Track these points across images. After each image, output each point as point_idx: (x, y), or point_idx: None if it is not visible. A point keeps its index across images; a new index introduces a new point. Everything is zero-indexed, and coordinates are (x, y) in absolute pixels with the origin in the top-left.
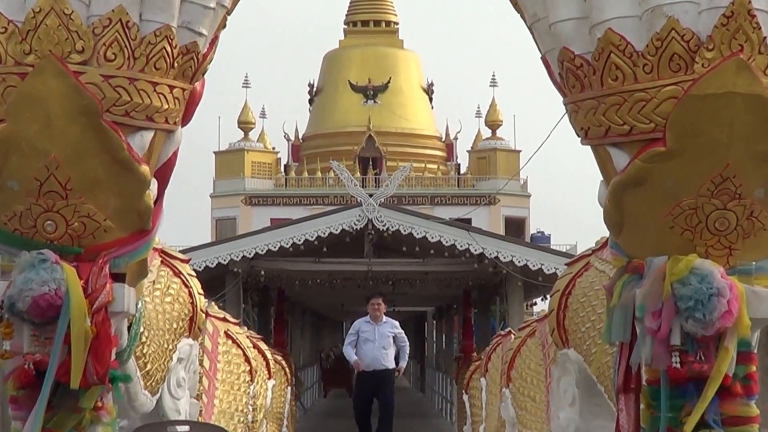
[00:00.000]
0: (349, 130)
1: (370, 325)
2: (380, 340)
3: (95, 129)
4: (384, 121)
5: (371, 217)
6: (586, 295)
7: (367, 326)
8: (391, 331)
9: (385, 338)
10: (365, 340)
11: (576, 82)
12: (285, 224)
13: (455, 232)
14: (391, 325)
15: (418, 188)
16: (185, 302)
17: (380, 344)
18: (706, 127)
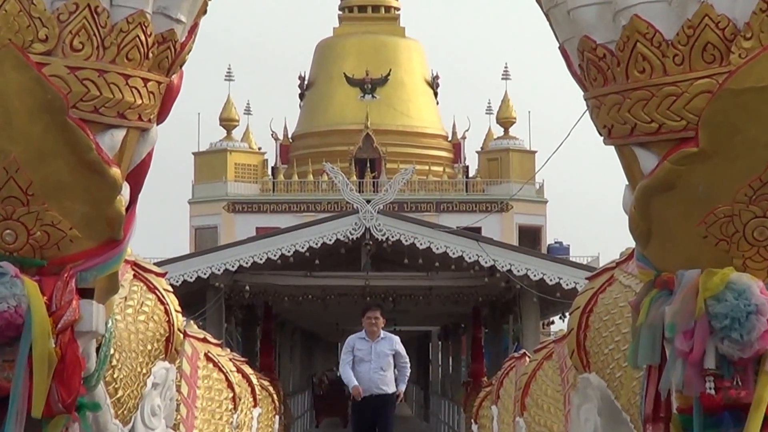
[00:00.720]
0: (344, 128)
1: (365, 342)
2: (378, 360)
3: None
4: (383, 118)
5: (369, 225)
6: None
7: (362, 344)
8: (390, 348)
9: (384, 358)
10: (360, 360)
11: (598, 74)
12: (272, 234)
13: (463, 243)
14: (390, 342)
15: (422, 193)
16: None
17: (377, 365)
18: (743, 125)
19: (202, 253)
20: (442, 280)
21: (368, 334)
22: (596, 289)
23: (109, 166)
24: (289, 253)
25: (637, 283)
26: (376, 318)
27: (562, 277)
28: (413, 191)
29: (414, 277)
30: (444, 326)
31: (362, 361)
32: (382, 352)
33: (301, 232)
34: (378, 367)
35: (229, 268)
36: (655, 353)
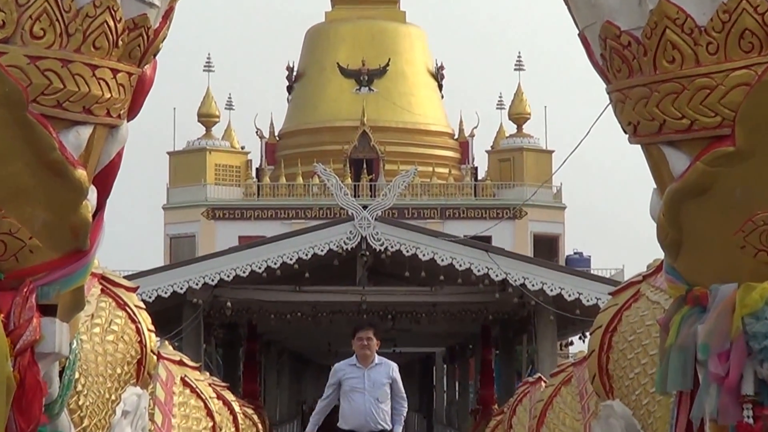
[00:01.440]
0: (337, 124)
1: (357, 369)
2: (373, 390)
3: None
4: (381, 113)
5: (365, 234)
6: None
7: (353, 371)
8: (387, 377)
9: (380, 388)
10: (351, 389)
11: (622, 65)
12: (257, 243)
13: (471, 253)
14: (387, 368)
15: (425, 198)
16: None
17: (372, 395)
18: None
19: (178, 265)
20: (448, 296)
21: (360, 359)
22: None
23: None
24: (276, 266)
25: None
26: (368, 339)
27: (582, 293)
28: (415, 196)
29: (416, 292)
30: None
31: (354, 392)
32: (377, 381)
33: (289, 242)
34: (374, 398)
35: (208, 282)
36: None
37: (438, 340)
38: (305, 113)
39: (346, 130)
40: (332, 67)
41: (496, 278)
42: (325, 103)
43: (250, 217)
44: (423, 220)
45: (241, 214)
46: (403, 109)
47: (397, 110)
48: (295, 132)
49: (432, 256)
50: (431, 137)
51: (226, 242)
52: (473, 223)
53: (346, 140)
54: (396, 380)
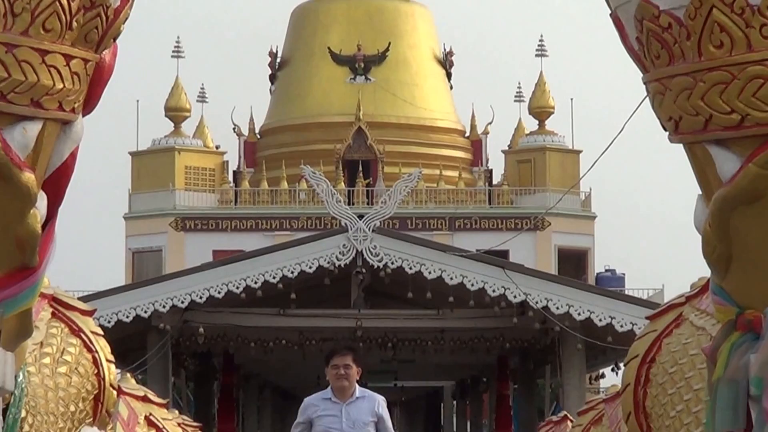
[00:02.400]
0: (328, 119)
1: (332, 404)
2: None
3: None
4: (380, 106)
5: (361, 248)
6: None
7: (327, 407)
8: (372, 413)
9: (362, 428)
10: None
11: (661, 50)
12: (235, 259)
13: (485, 271)
14: (371, 403)
15: (431, 206)
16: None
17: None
18: None
19: (141, 284)
20: (458, 321)
21: (336, 391)
22: (660, 333)
23: (21, 171)
24: (257, 285)
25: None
26: (346, 367)
27: (614, 316)
28: (419, 203)
29: (420, 316)
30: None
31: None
32: (359, 420)
33: (272, 257)
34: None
35: (177, 305)
36: (738, 416)
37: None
38: (291, 106)
39: (339, 126)
40: (322, 53)
41: (515, 300)
42: (314, 94)
43: (227, 228)
44: (429, 232)
45: (215, 225)
46: (406, 101)
47: (399, 103)
48: (279, 128)
49: (439, 273)
50: (438, 135)
51: (198, 257)
52: (487, 235)
53: (339, 138)
54: (383, 418)
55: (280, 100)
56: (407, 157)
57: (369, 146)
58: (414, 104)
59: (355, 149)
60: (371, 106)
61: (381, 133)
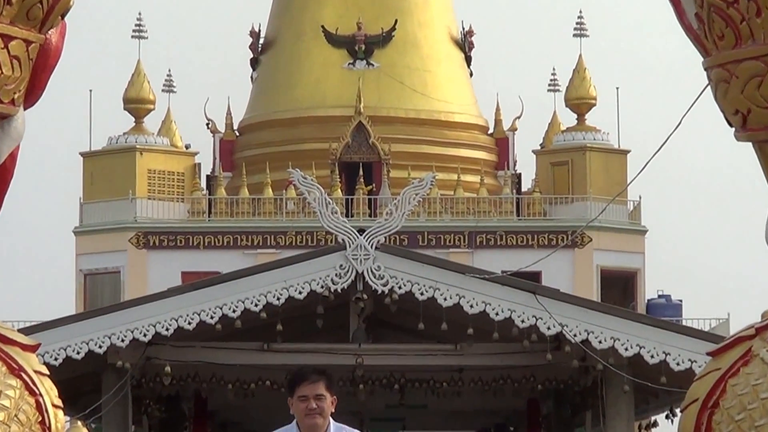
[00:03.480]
0: (322, 113)
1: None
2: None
3: None
4: (385, 97)
5: (362, 269)
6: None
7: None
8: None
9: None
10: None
11: (726, 29)
12: (209, 283)
13: (512, 297)
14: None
15: (446, 218)
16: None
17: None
18: None
19: (96, 313)
20: (479, 357)
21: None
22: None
23: None
24: (235, 314)
25: None
26: (318, 398)
27: (669, 352)
28: (433, 214)
29: (434, 352)
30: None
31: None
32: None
33: (254, 280)
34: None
35: (138, 338)
36: None
37: (465, 419)
38: (277, 97)
39: (335, 121)
40: (315, 33)
41: (548, 332)
42: (305, 82)
43: (199, 245)
44: (444, 249)
45: (185, 241)
46: (416, 91)
47: (407, 93)
48: (263, 124)
49: (457, 300)
50: (455, 132)
51: (165, 281)
52: (515, 253)
53: (335, 136)
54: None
55: (264, 89)
56: (418, 158)
57: (371, 145)
58: (426, 94)
59: (354, 149)
60: (374, 96)
61: (386, 130)
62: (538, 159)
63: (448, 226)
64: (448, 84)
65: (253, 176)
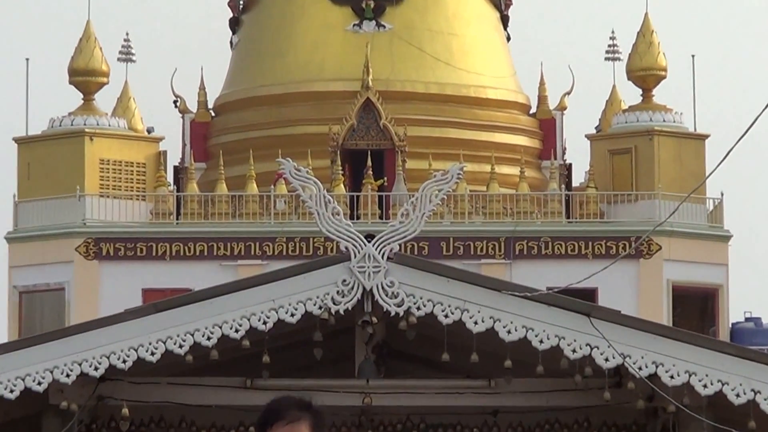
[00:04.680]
0: (320, 88)
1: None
2: None
3: None
4: (400, 68)
5: (370, 285)
6: None
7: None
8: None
9: None
10: None
11: None
12: (177, 303)
13: (561, 320)
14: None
15: (477, 220)
16: None
17: None
18: None
19: (34, 341)
20: (519, 397)
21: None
22: None
23: None
24: (210, 342)
25: None
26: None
27: (759, 390)
28: (460, 216)
29: (462, 389)
30: None
31: None
32: None
33: (233, 300)
34: None
35: (88, 372)
36: None
37: None
38: (263, 68)
39: (337, 97)
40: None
41: (607, 364)
42: (300, 49)
43: (164, 254)
44: (475, 261)
45: (147, 251)
46: (438, 60)
47: (428, 62)
48: (245, 102)
49: (491, 324)
50: (488, 111)
51: (121, 300)
52: (564, 265)
53: (337, 116)
54: None
55: (247, 58)
56: (441, 145)
57: (382, 129)
58: (451, 64)
59: (361, 133)
60: (386, 67)
61: (401, 109)
62: (594, 146)
63: (480, 231)
64: (480, 51)
65: (232, 168)
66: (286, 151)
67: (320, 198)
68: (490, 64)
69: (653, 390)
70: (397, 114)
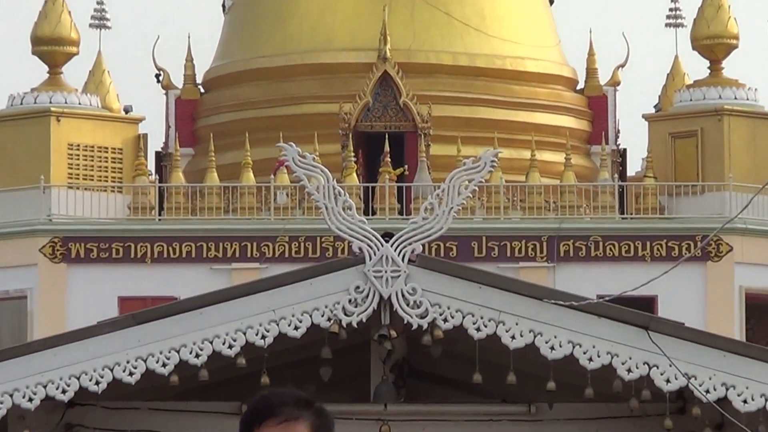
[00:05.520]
0: (329, 59)
1: None
2: None
3: None
4: (424, 36)
5: (388, 293)
6: None
7: None
8: None
9: None
10: None
11: None
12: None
13: (614, 334)
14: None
15: (515, 216)
16: None
17: None
18: None
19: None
20: (565, 425)
21: None
22: None
23: None
24: (199, 359)
25: None
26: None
27: None
28: (494, 211)
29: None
30: None
31: None
32: None
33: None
34: None
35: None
36: None
37: None
38: (261, 36)
39: (349, 71)
40: None
41: (668, 386)
42: (304, 13)
43: (144, 257)
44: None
45: (124, 252)
46: (468, 26)
47: (456, 29)
48: (241, 76)
49: (531, 339)
50: (528, 86)
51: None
52: (618, 269)
53: (349, 93)
54: None
55: (243, 24)
56: (472, 127)
57: (402, 108)
58: (484, 32)
59: (377, 113)
60: (407, 34)
61: (425, 84)
62: (652, 128)
63: (518, 229)
64: (518, 15)
65: (225, 154)
66: (288, 134)
67: (329, 190)
68: (529, 32)
69: (723, 417)
70: (420, 90)
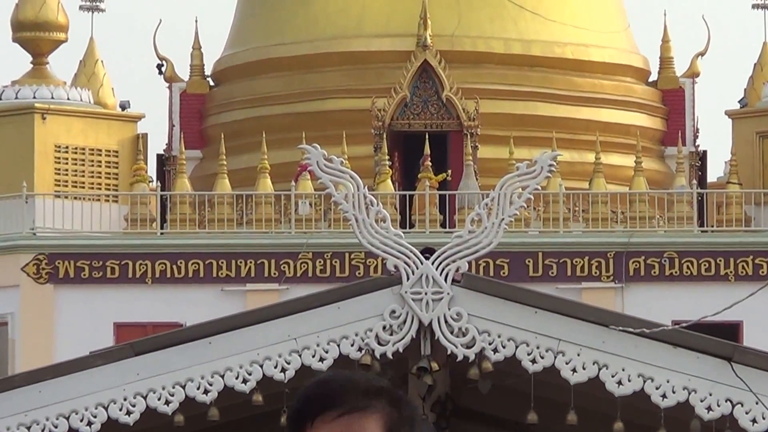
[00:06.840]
0: (359, 47)
1: None
2: None
3: None
4: (470, 20)
5: (429, 318)
6: None
7: None
8: None
9: None
10: None
11: None
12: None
13: (692, 367)
14: None
15: (577, 229)
16: None
17: None
18: None
19: None
20: None
21: None
22: None
23: None
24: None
25: None
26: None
27: None
28: (552, 223)
29: None
30: None
31: None
32: None
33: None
34: None
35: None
36: None
37: None
38: (281, 21)
39: (383, 60)
40: None
41: (754, 427)
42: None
43: (144, 277)
44: (574, 284)
45: (120, 272)
46: (523, 8)
47: (508, 12)
48: (256, 66)
49: (595, 372)
50: (593, 78)
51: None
52: (697, 290)
53: (383, 87)
54: None
55: (259, 7)
56: (527, 125)
57: (445, 103)
58: (542, 15)
59: (416, 109)
60: (451, 18)
61: (471, 76)
62: (737, 126)
63: (580, 244)
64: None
65: (238, 157)
66: (312, 134)
67: (359, 198)
68: (594, 15)
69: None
70: (466, 83)
